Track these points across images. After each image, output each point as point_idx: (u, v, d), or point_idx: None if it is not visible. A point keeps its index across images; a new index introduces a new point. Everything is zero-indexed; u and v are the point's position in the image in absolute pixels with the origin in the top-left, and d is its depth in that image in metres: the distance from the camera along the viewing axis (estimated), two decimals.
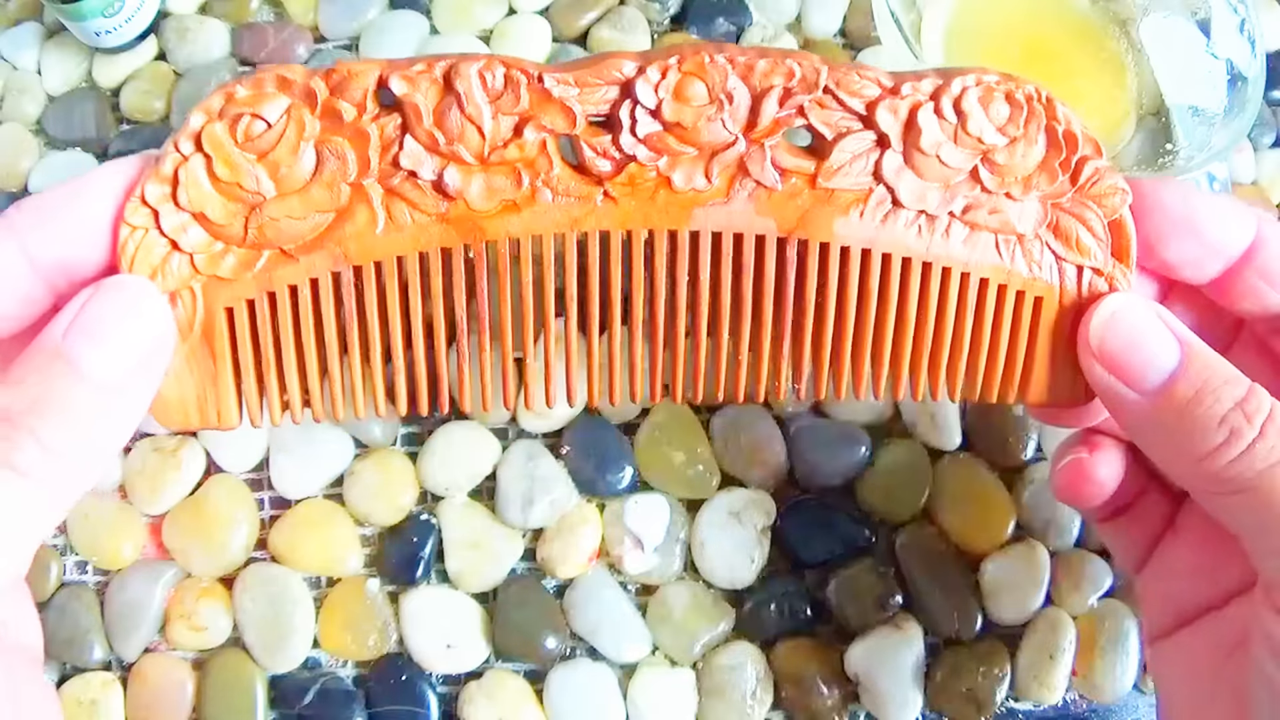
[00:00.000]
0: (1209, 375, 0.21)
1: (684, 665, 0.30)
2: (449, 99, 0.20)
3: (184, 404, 0.21)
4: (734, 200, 0.21)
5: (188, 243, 0.20)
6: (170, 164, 0.20)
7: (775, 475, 0.31)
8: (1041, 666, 0.29)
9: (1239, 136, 0.31)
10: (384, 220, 0.21)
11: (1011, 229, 0.22)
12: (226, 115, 0.20)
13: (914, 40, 0.30)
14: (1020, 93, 0.21)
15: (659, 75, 0.20)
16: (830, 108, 0.21)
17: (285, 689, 0.29)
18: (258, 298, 0.21)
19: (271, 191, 0.20)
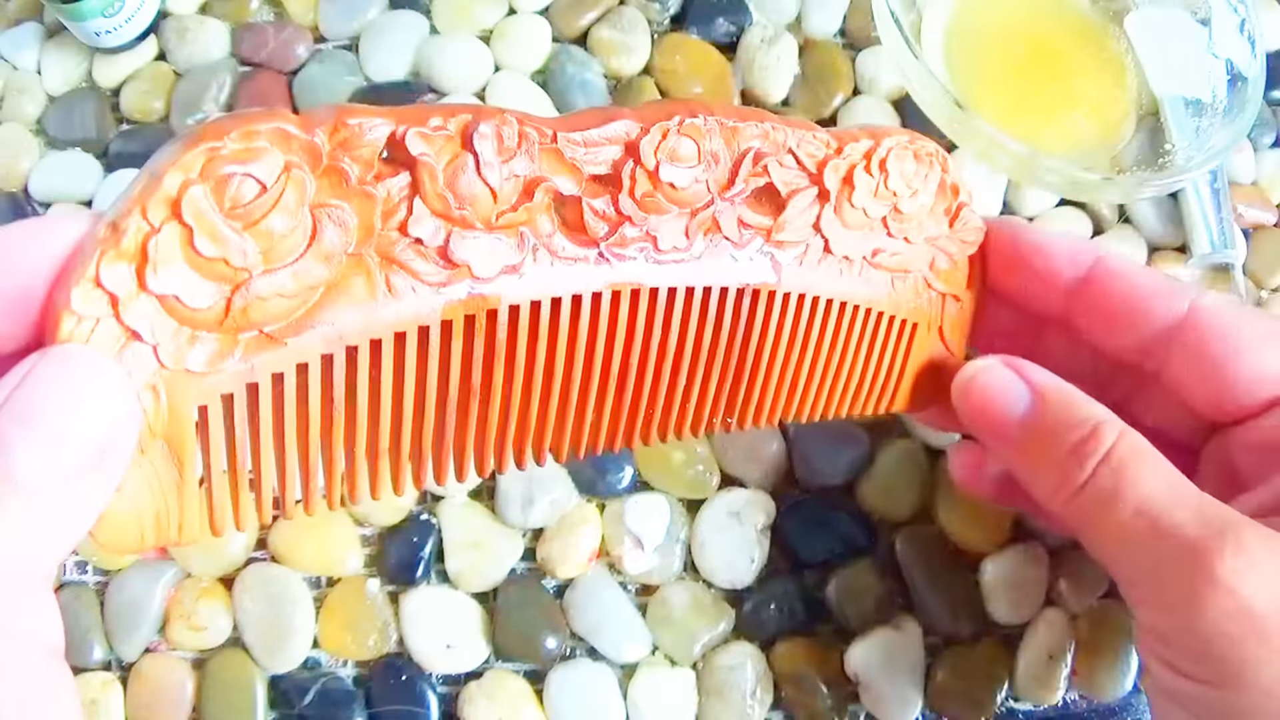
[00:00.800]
0: (1055, 420, 0.23)
1: (684, 665, 0.30)
2: (463, 158, 0.18)
3: (138, 523, 0.17)
4: (705, 256, 0.22)
5: (152, 331, 0.16)
6: (135, 236, 0.16)
7: (775, 475, 0.31)
8: (1041, 666, 0.29)
9: (1239, 136, 0.31)
10: (383, 292, 0.18)
11: (904, 268, 0.25)
12: (210, 175, 0.16)
13: (914, 40, 0.30)
14: (924, 150, 0.24)
15: (660, 136, 0.20)
16: (788, 167, 0.22)
17: (285, 689, 0.29)
18: (235, 391, 0.17)
19: (259, 267, 0.17)
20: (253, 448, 0.18)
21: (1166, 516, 0.20)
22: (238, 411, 0.17)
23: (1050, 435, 0.23)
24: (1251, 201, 0.35)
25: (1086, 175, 0.29)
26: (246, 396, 0.17)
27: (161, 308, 0.16)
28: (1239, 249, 0.34)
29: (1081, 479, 0.22)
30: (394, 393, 0.19)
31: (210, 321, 0.17)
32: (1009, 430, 0.23)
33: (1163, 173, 0.31)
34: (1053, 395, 0.23)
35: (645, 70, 0.36)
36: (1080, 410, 0.23)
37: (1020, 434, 0.23)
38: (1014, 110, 0.32)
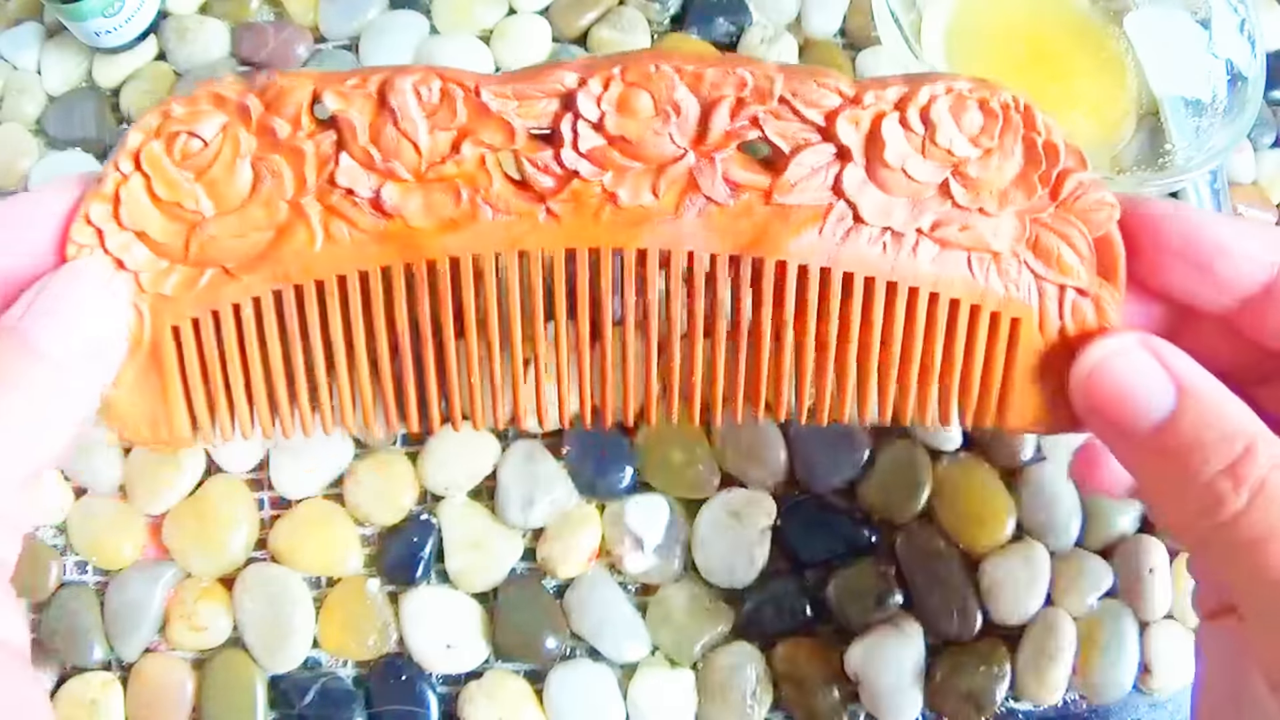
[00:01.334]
0: (1203, 428, 0.19)
1: (684, 665, 0.30)
2: (384, 114, 0.20)
3: (137, 419, 0.21)
4: (683, 217, 0.20)
5: (132, 261, 0.20)
6: (111, 183, 0.20)
7: (775, 475, 0.31)
8: (1041, 666, 0.29)
9: (1239, 136, 0.31)
10: (322, 238, 0.20)
11: (986, 246, 0.21)
12: (163, 133, 0.20)
13: (914, 40, 0.30)
14: (996, 101, 0.20)
15: (601, 87, 0.19)
16: (786, 119, 0.20)
17: (285, 689, 0.29)
18: (202, 316, 0.21)
19: (210, 210, 0.20)
20: (221, 366, 0.21)
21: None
22: (204, 333, 0.21)
23: (1197, 447, 0.19)
24: (1251, 201, 0.35)
25: None
26: (212, 320, 0.21)
27: (138, 241, 0.20)
28: None
29: (1235, 507, 0.18)
30: (343, 331, 0.21)
31: (176, 255, 0.20)
32: (1141, 433, 0.19)
33: (1163, 173, 0.31)
34: (1203, 395, 0.19)
35: None
36: (1234, 419, 0.19)
37: (1157, 439, 0.19)
38: None
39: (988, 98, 0.20)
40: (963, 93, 0.20)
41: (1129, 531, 0.31)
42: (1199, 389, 0.19)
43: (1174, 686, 0.30)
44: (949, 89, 0.20)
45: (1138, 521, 0.31)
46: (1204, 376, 0.19)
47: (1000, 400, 0.22)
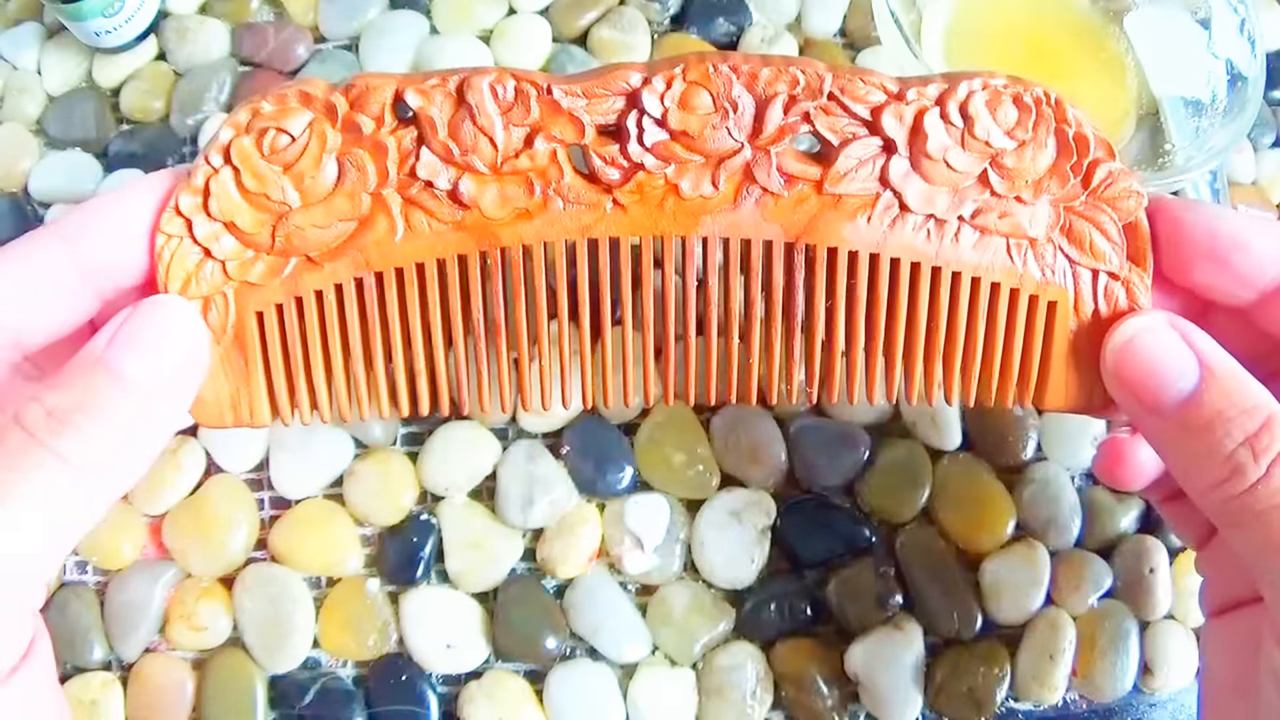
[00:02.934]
0: (1225, 404, 0.20)
1: (684, 665, 0.30)
2: (462, 111, 0.21)
3: (219, 403, 0.22)
4: (741, 206, 0.22)
5: (220, 250, 0.21)
6: (201, 176, 0.21)
7: (775, 475, 0.31)
8: (1041, 666, 0.29)
9: (1239, 136, 0.31)
10: (403, 228, 0.22)
11: (1023, 233, 0.22)
12: (253, 129, 0.21)
13: (914, 40, 0.30)
14: (1029, 95, 0.21)
15: (664, 85, 0.21)
16: (835, 114, 0.21)
17: (285, 689, 0.29)
18: (286, 302, 0.22)
19: (297, 201, 0.21)
20: (303, 350, 0.22)
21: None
22: (287, 318, 0.22)
23: (1218, 421, 0.20)
24: (1251, 201, 0.35)
25: None
26: (295, 307, 0.22)
27: (226, 231, 0.21)
28: None
29: (1254, 476, 0.19)
30: (421, 317, 0.22)
31: (264, 245, 0.21)
32: (1167, 407, 0.21)
33: (1163, 173, 0.31)
34: (1223, 372, 0.20)
35: None
36: (1253, 395, 0.20)
37: (1180, 413, 0.20)
38: None
39: (1021, 93, 0.21)
40: (999, 88, 0.21)
41: (1129, 531, 0.31)
42: (1221, 367, 0.20)
43: (1174, 686, 0.30)
44: (985, 85, 0.21)
45: (1138, 521, 0.31)
46: (1226, 356, 0.21)
47: (1039, 381, 0.23)
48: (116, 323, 0.20)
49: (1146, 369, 0.21)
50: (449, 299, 0.22)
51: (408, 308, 0.22)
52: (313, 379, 0.23)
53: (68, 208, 0.34)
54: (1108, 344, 0.22)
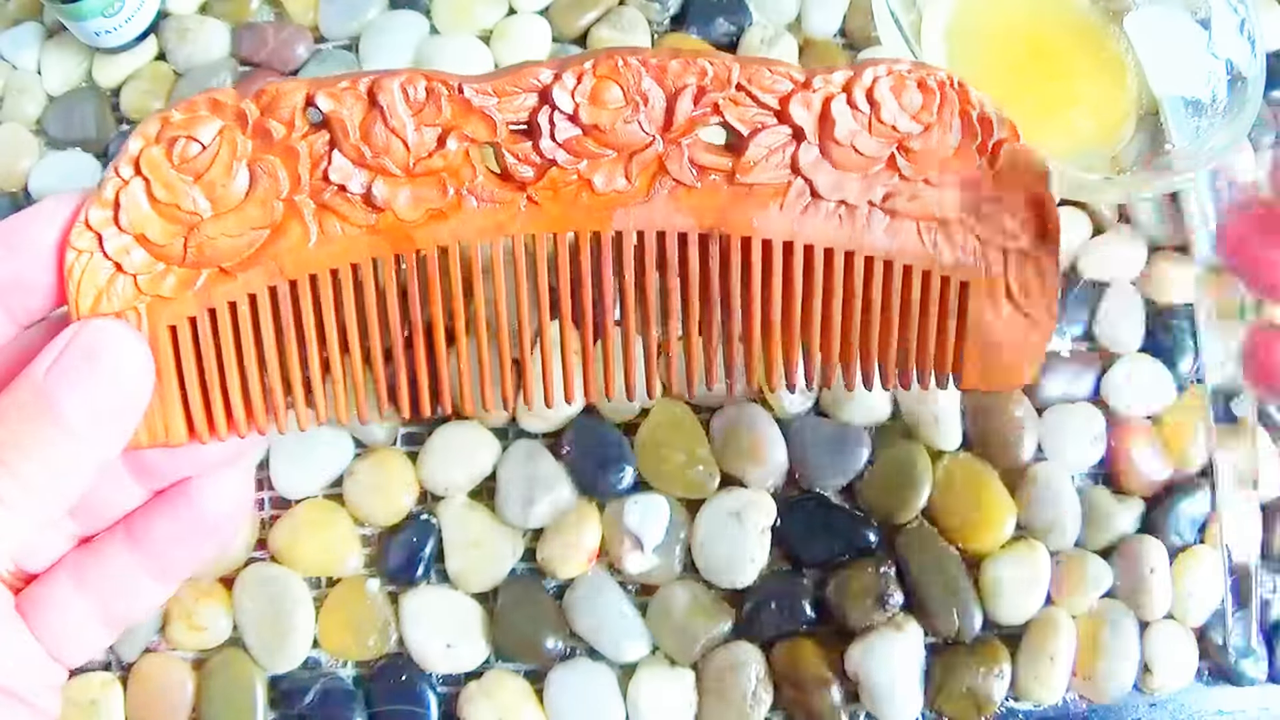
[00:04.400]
0: None
1: (684, 665, 0.30)
2: (374, 113, 0.21)
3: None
4: (654, 199, 0.22)
5: (130, 264, 0.21)
6: (111, 188, 0.20)
7: (775, 475, 0.31)
8: (1041, 666, 0.29)
9: (1239, 136, 0.31)
10: (316, 234, 0.21)
11: (932, 215, 0.22)
12: (163, 139, 0.20)
13: (914, 40, 0.30)
14: (932, 79, 0.22)
15: (575, 80, 0.21)
16: (744, 104, 0.21)
17: (285, 689, 0.29)
18: (199, 315, 0.21)
19: (208, 211, 0.21)
20: (218, 364, 0.22)
21: None
22: (201, 331, 0.21)
23: None
24: None
25: (1086, 175, 0.29)
26: (208, 319, 0.21)
27: (136, 244, 0.20)
28: None
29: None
30: (337, 323, 0.22)
31: (175, 257, 0.21)
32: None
33: (1163, 173, 0.31)
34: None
35: None
36: None
37: None
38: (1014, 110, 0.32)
39: (925, 77, 0.22)
40: (903, 73, 0.21)
41: (1129, 531, 0.31)
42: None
43: (1174, 686, 0.30)
44: (889, 70, 0.21)
45: (1138, 521, 0.31)
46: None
47: (956, 361, 0.23)
48: (56, 347, 0.19)
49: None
50: (365, 304, 0.22)
51: (323, 314, 0.22)
52: (229, 393, 0.22)
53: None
54: None
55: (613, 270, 0.22)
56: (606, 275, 0.22)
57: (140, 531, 0.22)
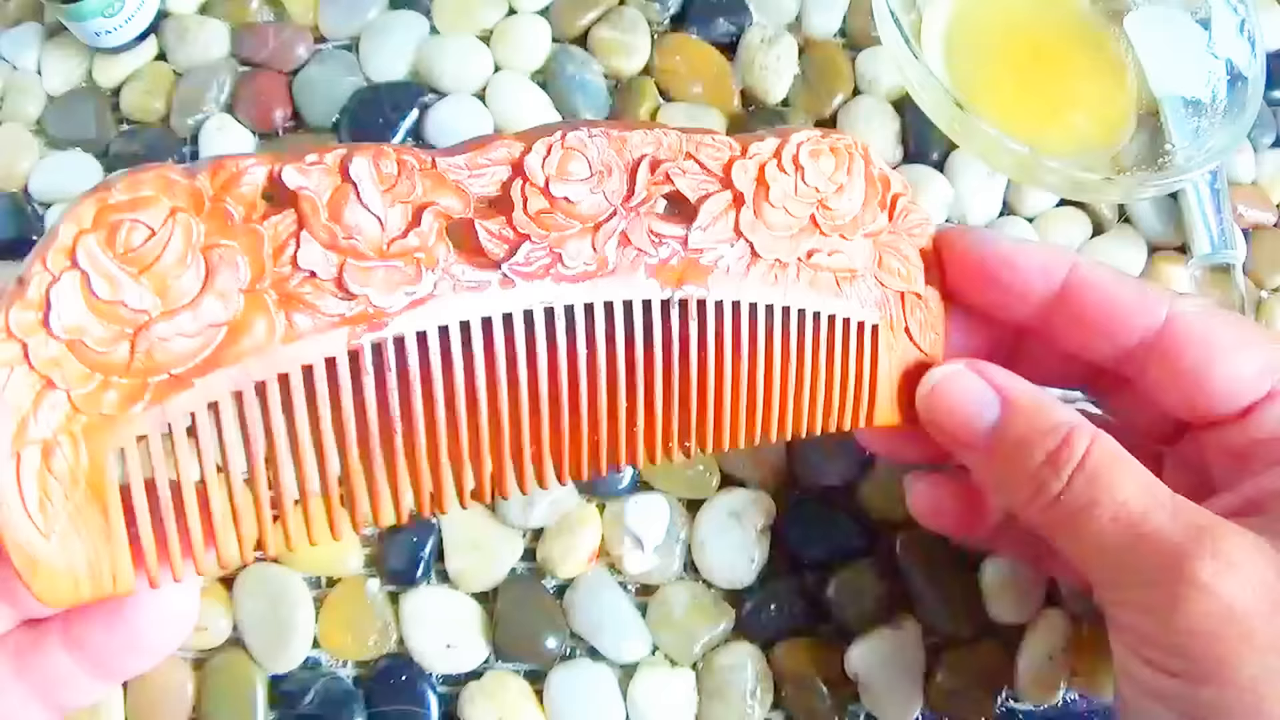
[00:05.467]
0: (1027, 428, 0.22)
1: (684, 665, 0.30)
2: (344, 189, 0.19)
3: (72, 574, 0.18)
4: (619, 269, 0.22)
5: (64, 377, 0.17)
6: (39, 285, 0.17)
7: (775, 475, 0.31)
8: (1041, 666, 0.29)
9: (1239, 136, 0.31)
10: (284, 327, 0.19)
11: (847, 267, 0.24)
12: (102, 224, 0.17)
13: (914, 40, 0.30)
14: (842, 144, 0.23)
15: (544, 151, 0.20)
16: (693, 173, 0.22)
17: (285, 689, 0.29)
18: (151, 433, 0.18)
19: (157, 308, 0.18)
20: (173, 493, 0.19)
21: (1145, 521, 0.21)
22: (154, 454, 0.18)
23: (1022, 444, 0.22)
24: (1251, 201, 0.35)
25: (1086, 175, 0.29)
26: (161, 440, 0.18)
27: (70, 353, 0.17)
28: (1239, 249, 0.34)
29: (1057, 488, 0.22)
30: (311, 428, 0.19)
31: (118, 366, 0.18)
32: (977, 440, 0.23)
33: (1163, 173, 0.31)
34: (1023, 402, 0.23)
35: (645, 70, 0.36)
36: (1051, 416, 0.22)
37: (990, 443, 0.23)
38: (1014, 110, 0.32)
39: (835, 142, 0.23)
40: (817, 139, 0.23)
41: None
42: (1021, 396, 0.23)
43: None
44: (808, 138, 0.23)
45: None
46: (1026, 386, 0.23)
47: (870, 401, 0.25)
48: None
49: (952, 409, 0.23)
50: (341, 403, 0.19)
51: (295, 418, 0.19)
52: (187, 524, 0.19)
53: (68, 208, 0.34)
54: (918, 394, 0.24)
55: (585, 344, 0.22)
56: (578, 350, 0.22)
57: (77, 635, 0.20)
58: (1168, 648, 0.20)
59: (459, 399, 0.21)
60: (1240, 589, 0.20)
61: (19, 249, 0.34)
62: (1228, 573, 0.20)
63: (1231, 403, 0.24)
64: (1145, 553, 0.21)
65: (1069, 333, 0.25)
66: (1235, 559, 0.20)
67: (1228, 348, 0.24)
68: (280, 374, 0.19)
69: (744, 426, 0.24)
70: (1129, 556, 0.21)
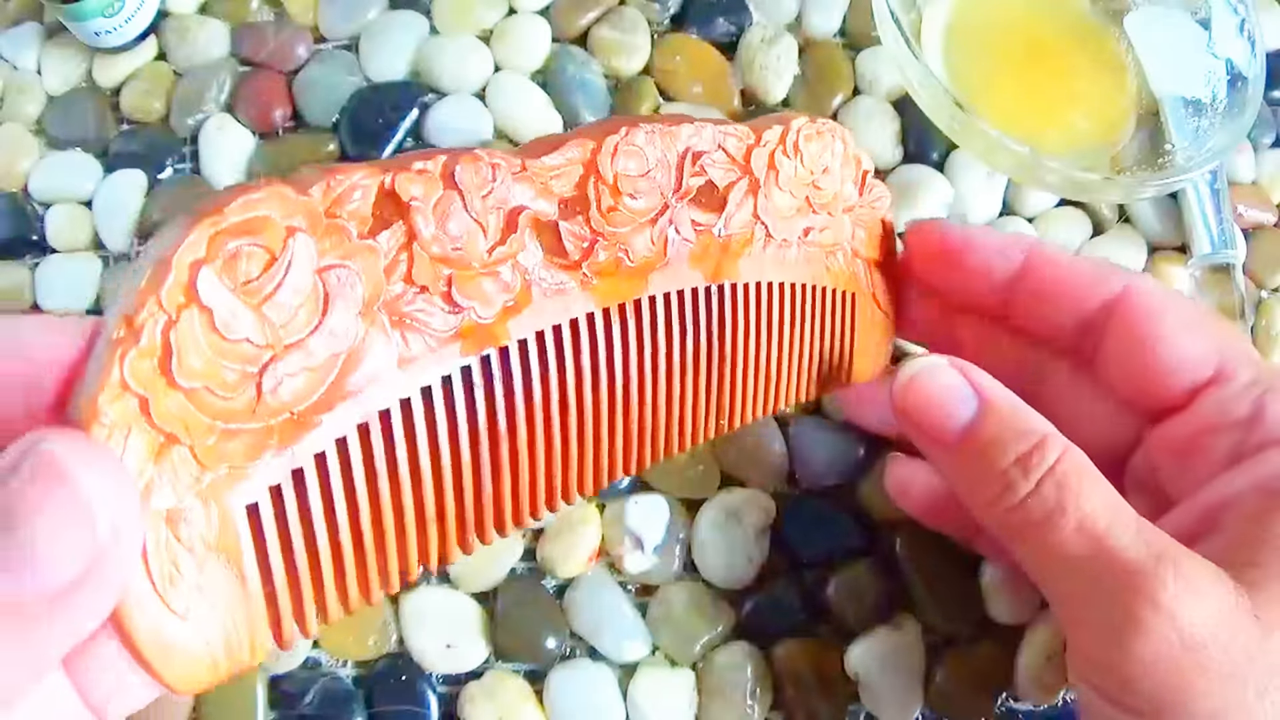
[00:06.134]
0: (1001, 429, 0.22)
1: (684, 665, 0.30)
2: (447, 197, 0.18)
3: (209, 652, 0.16)
4: (671, 259, 0.22)
5: (187, 430, 0.15)
6: (154, 328, 0.15)
7: (775, 475, 0.31)
8: (1041, 666, 0.29)
9: (1239, 136, 0.31)
10: (399, 348, 0.17)
11: (834, 242, 0.26)
12: (219, 253, 0.15)
13: (914, 40, 0.30)
14: (825, 128, 0.25)
15: (612, 149, 0.21)
16: (719, 163, 0.23)
17: (285, 689, 0.29)
18: (284, 482, 0.16)
19: (282, 340, 0.16)
20: (307, 541, 0.17)
21: (1108, 536, 0.20)
22: (287, 503, 0.16)
23: (994, 444, 0.22)
24: (1251, 201, 0.35)
25: (1086, 175, 0.29)
26: (294, 485, 0.16)
27: (191, 404, 0.15)
28: (1239, 249, 0.34)
29: (1024, 491, 0.21)
30: (431, 452, 0.18)
31: (243, 411, 0.16)
32: (950, 436, 0.23)
33: (1163, 173, 0.31)
34: (1000, 403, 0.23)
35: (645, 70, 0.36)
36: (1027, 422, 0.22)
37: (961, 440, 0.23)
38: (1014, 110, 0.32)
39: (821, 127, 0.25)
40: (808, 124, 0.24)
41: None
42: (998, 398, 0.23)
43: None
44: (804, 124, 0.24)
45: None
46: (1003, 389, 0.23)
47: (850, 362, 0.27)
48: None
49: (929, 402, 0.23)
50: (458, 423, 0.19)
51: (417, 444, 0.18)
52: (321, 575, 0.17)
53: (68, 208, 0.34)
54: (896, 382, 0.24)
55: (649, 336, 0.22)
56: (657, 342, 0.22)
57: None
58: (1121, 677, 0.20)
59: (554, 403, 0.21)
60: (1199, 615, 0.19)
61: (19, 249, 0.34)
62: (1187, 597, 0.19)
63: (1176, 382, 0.24)
64: (1106, 568, 0.20)
65: (1030, 308, 0.26)
66: (1196, 585, 0.20)
67: (1177, 324, 0.24)
68: (402, 399, 0.18)
69: (761, 401, 0.25)
70: (1089, 568, 0.21)
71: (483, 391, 0.19)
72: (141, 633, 0.15)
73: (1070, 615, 0.22)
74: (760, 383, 0.25)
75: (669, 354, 0.23)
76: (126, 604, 0.15)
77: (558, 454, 0.21)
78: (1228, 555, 0.21)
